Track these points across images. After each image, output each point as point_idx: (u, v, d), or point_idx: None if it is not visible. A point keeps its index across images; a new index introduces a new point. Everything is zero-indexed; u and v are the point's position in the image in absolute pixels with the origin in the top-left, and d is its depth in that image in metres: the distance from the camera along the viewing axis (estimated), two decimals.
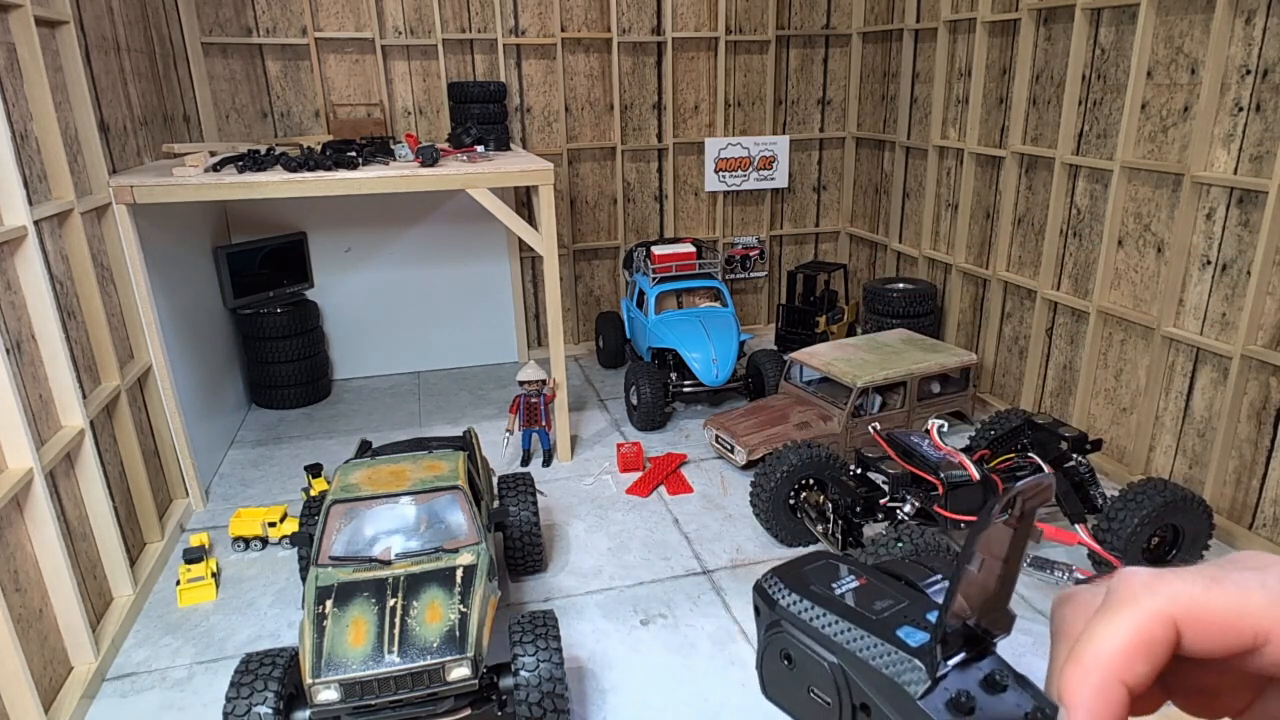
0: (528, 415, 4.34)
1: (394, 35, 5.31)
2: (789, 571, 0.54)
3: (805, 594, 0.51)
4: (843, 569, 0.54)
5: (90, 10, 3.51)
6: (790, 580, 0.53)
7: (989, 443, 3.68)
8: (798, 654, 0.50)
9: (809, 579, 0.53)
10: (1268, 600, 0.39)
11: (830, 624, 0.49)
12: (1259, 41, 3.33)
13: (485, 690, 2.39)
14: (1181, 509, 3.11)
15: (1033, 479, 0.46)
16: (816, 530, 3.51)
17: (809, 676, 0.50)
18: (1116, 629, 0.40)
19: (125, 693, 2.85)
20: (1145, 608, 0.40)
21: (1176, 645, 0.40)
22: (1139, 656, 0.39)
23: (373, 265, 5.61)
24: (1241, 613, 0.39)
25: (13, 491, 2.51)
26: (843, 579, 0.53)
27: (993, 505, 0.43)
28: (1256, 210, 3.40)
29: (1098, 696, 0.39)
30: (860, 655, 0.47)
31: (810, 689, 0.50)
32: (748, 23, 5.93)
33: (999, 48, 4.78)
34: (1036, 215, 4.63)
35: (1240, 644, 0.40)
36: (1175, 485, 3.13)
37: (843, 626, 0.49)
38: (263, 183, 3.62)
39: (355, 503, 2.65)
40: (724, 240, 6.40)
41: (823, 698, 0.49)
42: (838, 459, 3.60)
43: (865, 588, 0.52)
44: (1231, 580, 0.40)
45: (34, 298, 2.81)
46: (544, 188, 3.95)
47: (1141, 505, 3.05)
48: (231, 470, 4.46)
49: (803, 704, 0.51)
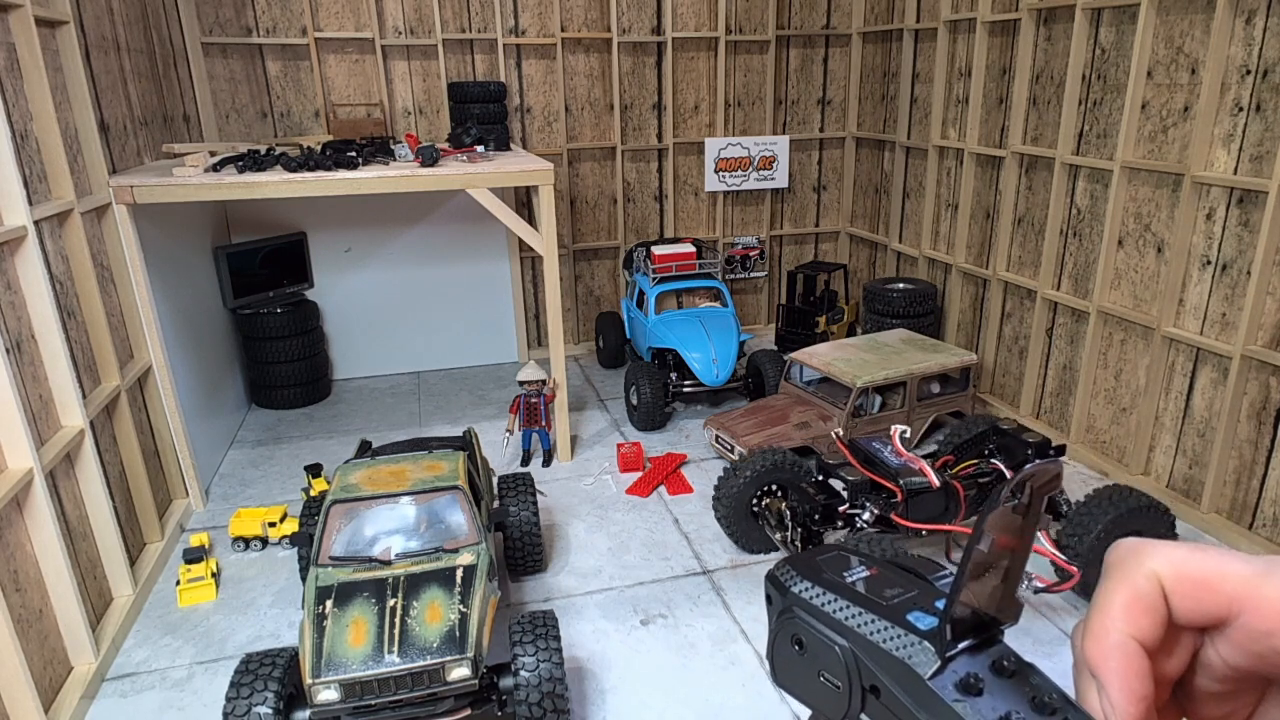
0: (528, 415, 4.34)
1: (394, 35, 5.31)
2: (802, 560, 0.55)
3: (818, 580, 0.53)
4: (854, 559, 0.55)
5: (90, 10, 3.51)
6: (803, 568, 0.54)
7: (954, 449, 3.64)
8: (809, 639, 0.52)
9: (822, 568, 0.54)
10: (1247, 571, 0.43)
11: (841, 609, 0.51)
12: (1259, 41, 3.33)
13: (485, 690, 2.39)
14: (1144, 516, 3.08)
15: (1042, 463, 0.46)
16: (775, 538, 3.46)
17: (820, 661, 0.51)
18: (1112, 592, 0.45)
19: (125, 693, 2.85)
20: (1132, 568, 0.45)
21: (1168, 606, 0.45)
22: (1138, 610, 0.44)
23: (373, 265, 5.61)
24: (1221, 576, 0.43)
25: (13, 491, 2.51)
26: (854, 568, 0.54)
27: (1002, 490, 0.44)
28: (1256, 210, 3.40)
29: (1116, 654, 0.44)
30: (871, 638, 0.49)
31: (821, 673, 0.51)
32: (748, 23, 5.93)
33: (999, 48, 4.78)
34: (1036, 215, 4.63)
35: (1217, 608, 0.44)
36: (1139, 492, 3.11)
37: (854, 611, 0.50)
38: (263, 183, 3.62)
39: (355, 503, 2.65)
40: (724, 240, 6.40)
41: (833, 681, 0.50)
42: (802, 465, 3.55)
43: (876, 577, 0.53)
44: (1215, 551, 0.44)
45: (34, 298, 2.81)
46: (544, 188, 3.95)
47: (1105, 512, 3.02)
48: (231, 470, 4.46)
49: (813, 689, 0.52)
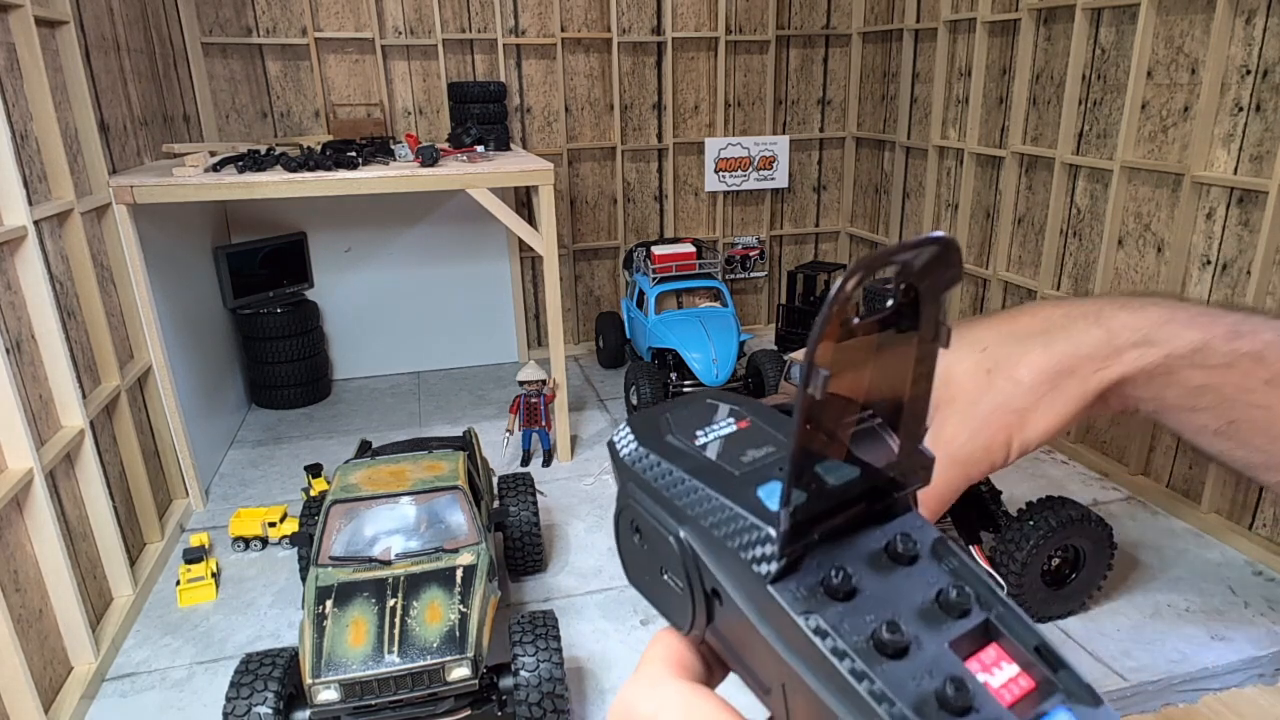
0: (528, 415, 4.34)
1: (394, 35, 5.31)
2: (645, 420, 0.40)
3: (655, 447, 0.38)
4: (722, 410, 0.40)
5: (90, 10, 3.51)
6: (642, 430, 0.39)
7: None
8: (645, 526, 0.37)
9: (667, 427, 0.39)
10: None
11: (677, 484, 0.36)
12: (1259, 41, 3.33)
13: (485, 690, 2.39)
14: (1081, 529, 2.97)
15: (921, 238, 0.31)
16: None
17: (659, 555, 0.37)
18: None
19: (125, 693, 2.85)
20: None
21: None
22: None
23: (373, 265, 5.61)
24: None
25: (13, 492, 2.51)
26: (715, 424, 0.39)
27: (840, 283, 0.29)
28: (1257, 210, 3.40)
29: None
30: (705, 524, 0.34)
31: (664, 570, 0.37)
32: (748, 23, 5.93)
33: (999, 48, 4.78)
34: (1036, 215, 4.63)
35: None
36: (1074, 503, 3.01)
37: (690, 486, 0.35)
38: (263, 183, 3.62)
39: (355, 503, 2.65)
40: (724, 240, 6.40)
41: (676, 581, 0.37)
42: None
43: (741, 434, 0.38)
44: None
45: (34, 298, 2.81)
46: (544, 188, 3.95)
47: (1038, 526, 2.91)
48: (231, 470, 4.46)
49: (659, 590, 0.38)
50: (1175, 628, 3.04)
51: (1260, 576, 3.34)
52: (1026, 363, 0.61)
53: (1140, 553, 3.51)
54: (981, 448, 0.61)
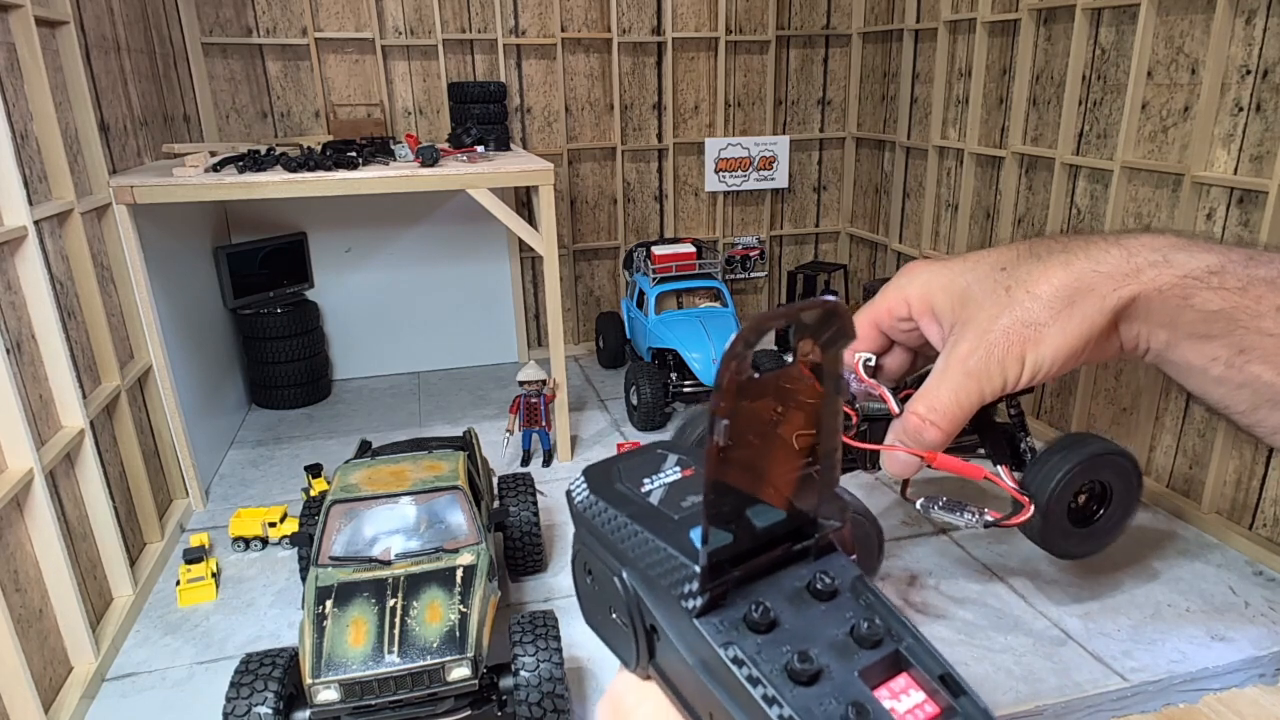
0: (528, 415, 4.34)
1: (394, 35, 5.31)
2: (598, 470, 0.44)
3: (605, 495, 0.41)
4: (669, 460, 0.44)
5: (90, 10, 3.51)
6: (595, 479, 0.43)
7: (915, 381, 3.56)
8: (595, 568, 0.41)
9: (617, 476, 0.43)
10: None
11: (620, 528, 0.39)
12: (1259, 41, 3.33)
13: (485, 690, 2.39)
14: (1110, 464, 2.86)
15: (815, 300, 0.34)
16: None
17: (608, 595, 0.41)
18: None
19: (125, 693, 2.85)
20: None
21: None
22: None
23: (373, 265, 5.61)
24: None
25: (13, 492, 2.51)
26: (662, 472, 0.42)
27: (737, 339, 0.31)
28: (1257, 210, 3.40)
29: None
30: (642, 565, 0.38)
31: (612, 610, 0.41)
32: (748, 23, 5.93)
33: (999, 48, 4.78)
34: (1037, 215, 4.63)
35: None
36: (1100, 438, 2.92)
37: (632, 530, 0.39)
38: (263, 183, 3.62)
39: (355, 503, 2.65)
40: (724, 240, 6.40)
41: (621, 620, 0.40)
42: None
43: (684, 481, 0.41)
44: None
45: (34, 298, 2.81)
46: (544, 188, 3.95)
47: (1068, 459, 2.79)
48: (231, 470, 4.46)
49: (609, 629, 0.42)
50: (1176, 628, 3.04)
51: (1260, 576, 3.34)
52: (1045, 278, 0.63)
53: (1141, 553, 3.51)
54: (996, 361, 0.62)
